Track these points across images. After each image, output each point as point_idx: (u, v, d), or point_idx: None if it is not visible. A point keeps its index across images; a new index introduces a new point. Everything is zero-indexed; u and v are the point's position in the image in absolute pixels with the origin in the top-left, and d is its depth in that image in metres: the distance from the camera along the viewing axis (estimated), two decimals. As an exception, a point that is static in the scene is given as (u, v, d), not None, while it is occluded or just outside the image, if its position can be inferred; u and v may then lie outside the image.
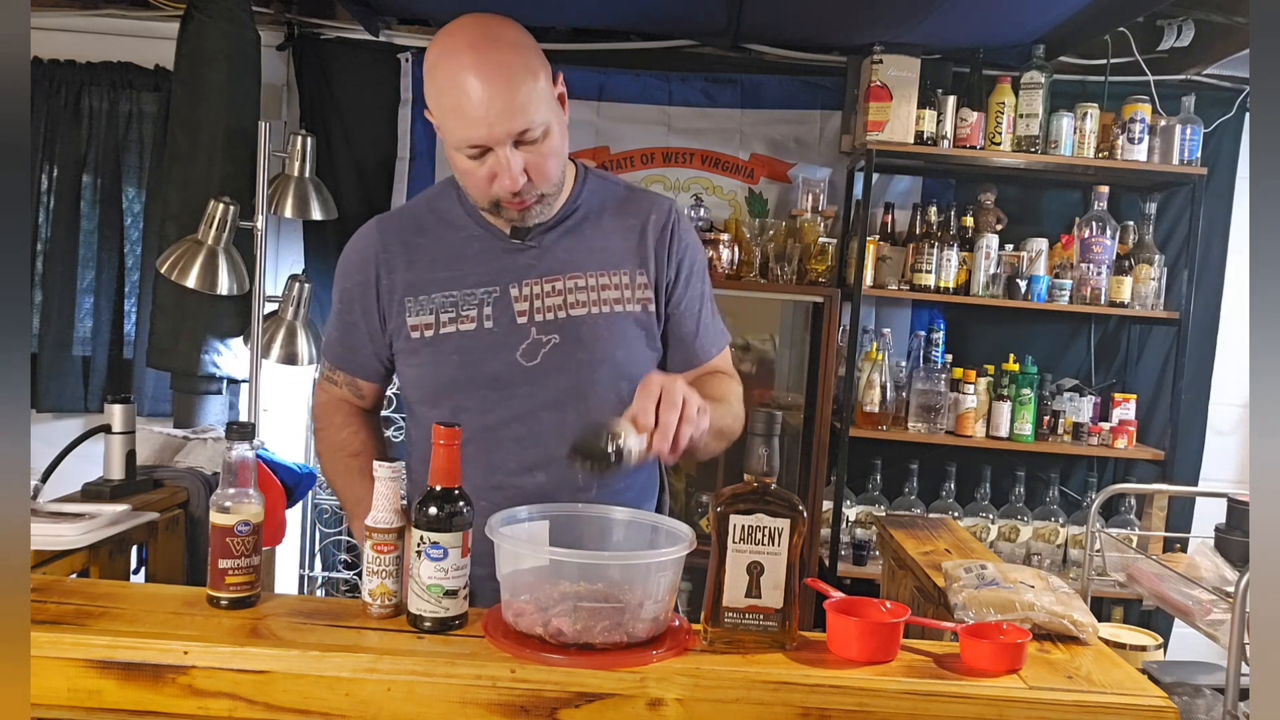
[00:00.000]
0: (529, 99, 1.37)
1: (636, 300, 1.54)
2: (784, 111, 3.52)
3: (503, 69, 1.36)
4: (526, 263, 1.52)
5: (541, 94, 1.39)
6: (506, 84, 1.35)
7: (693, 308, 1.59)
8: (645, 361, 1.54)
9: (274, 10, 3.40)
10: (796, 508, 1.20)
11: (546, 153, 1.41)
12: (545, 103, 1.40)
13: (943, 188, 3.53)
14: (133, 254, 3.45)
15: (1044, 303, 3.24)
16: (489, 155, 1.39)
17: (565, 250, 1.53)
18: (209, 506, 1.27)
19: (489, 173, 1.40)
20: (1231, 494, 2.08)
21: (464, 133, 1.37)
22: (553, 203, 1.49)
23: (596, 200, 1.57)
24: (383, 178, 3.51)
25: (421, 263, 1.53)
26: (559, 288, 1.51)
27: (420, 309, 1.52)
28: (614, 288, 1.53)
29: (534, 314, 1.50)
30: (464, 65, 1.35)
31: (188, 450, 2.39)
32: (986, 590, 1.37)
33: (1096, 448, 3.29)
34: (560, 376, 1.49)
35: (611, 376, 1.50)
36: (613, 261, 1.54)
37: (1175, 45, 3.20)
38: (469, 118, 1.36)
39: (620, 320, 1.52)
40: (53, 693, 1.13)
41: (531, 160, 1.40)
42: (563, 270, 1.51)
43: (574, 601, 1.16)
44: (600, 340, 1.50)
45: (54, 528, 1.68)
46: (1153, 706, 1.14)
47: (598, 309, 1.51)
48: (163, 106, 3.36)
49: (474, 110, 1.35)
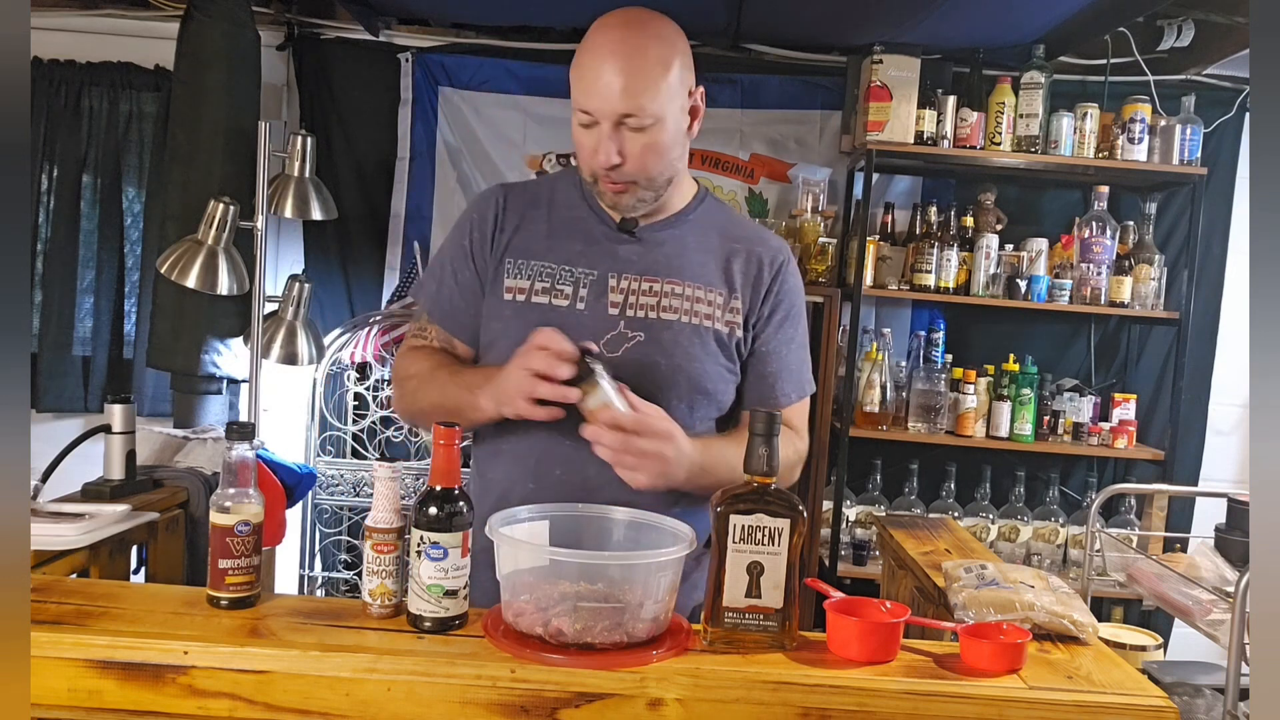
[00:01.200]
0: (647, 87, 1.42)
1: (725, 321, 1.56)
2: (784, 111, 3.53)
3: (636, 51, 1.43)
4: (628, 256, 1.55)
5: (665, 89, 1.44)
6: (633, 65, 1.42)
7: (779, 350, 1.60)
8: (720, 380, 1.56)
9: (274, 10, 3.40)
10: (796, 508, 1.20)
11: (649, 144, 1.46)
12: (666, 99, 1.45)
13: (943, 188, 3.53)
14: (133, 254, 3.45)
15: (1044, 303, 3.24)
16: (595, 128, 1.45)
17: (668, 255, 1.55)
18: (209, 506, 1.26)
19: (593, 145, 1.46)
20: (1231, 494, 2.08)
21: (580, 97, 1.45)
22: (649, 200, 1.52)
23: (709, 219, 1.61)
24: (383, 178, 3.51)
25: (530, 230, 1.56)
26: (655, 289, 1.53)
27: (519, 272, 1.54)
28: (706, 303, 1.55)
29: (626, 308, 1.52)
30: (607, 38, 1.45)
31: (188, 450, 2.39)
32: (986, 590, 1.37)
33: (1096, 448, 3.29)
34: (635, 374, 1.49)
35: (685, 386, 1.52)
36: (711, 277, 1.56)
37: (1175, 45, 3.20)
38: (588, 84, 1.44)
39: (705, 335, 1.54)
40: (53, 693, 1.13)
41: (632, 147, 1.45)
42: (662, 273, 1.54)
43: (574, 601, 1.16)
44: (682, 349, 1.52)
45: (54, 528, 1.68)
46: (1153, 706, 1.14)
47: (687, 319, 1.53)
48: (163, 106, 3.36)
49: (594, 79, 1.43)
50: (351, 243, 3.53)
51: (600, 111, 1.43)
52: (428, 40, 3.52)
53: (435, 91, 3.50)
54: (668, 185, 1.54)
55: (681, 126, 1.51)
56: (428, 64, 3.49)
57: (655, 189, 1.52)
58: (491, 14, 3.43)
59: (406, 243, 3.51)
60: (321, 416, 3.23)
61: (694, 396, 1.52)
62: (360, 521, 3.32)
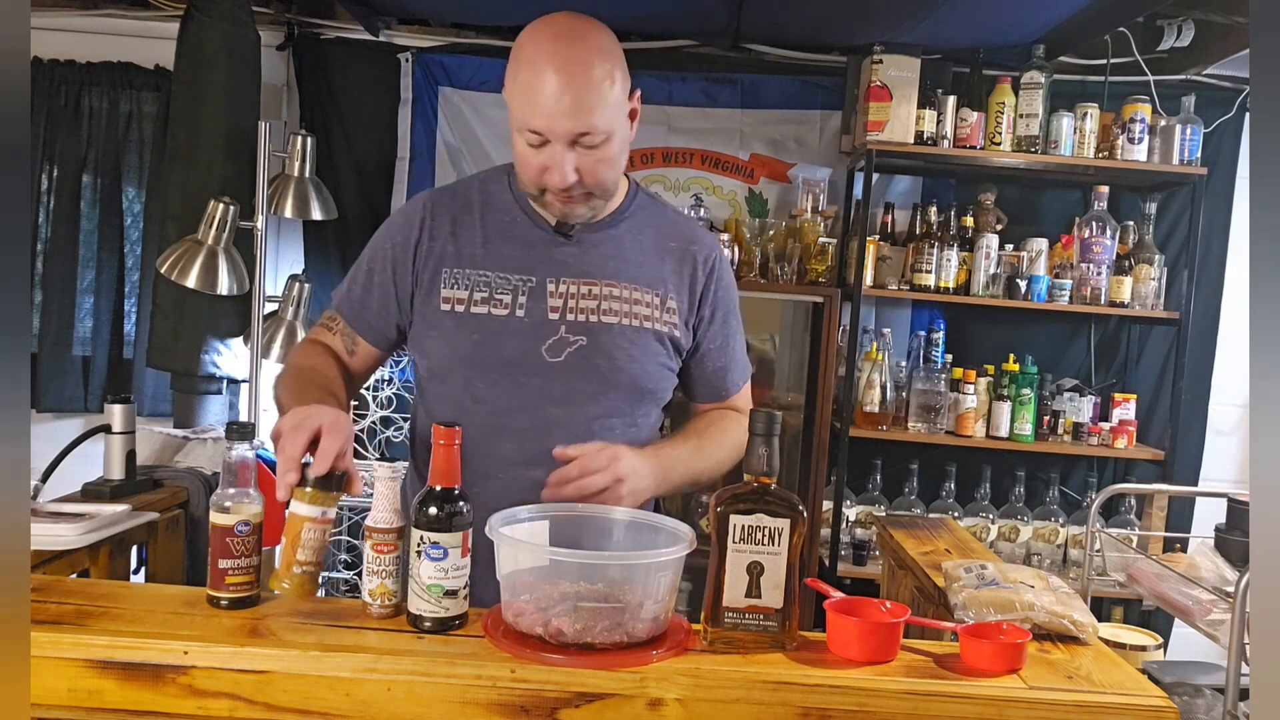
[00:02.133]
0: (597, 103, 1.40)
1: (664, 322, 1.57)
2: (784, 111, 3.53)
3: (580, 67, 1.40)
4: (565, 259, 1.54)
5: (611, 102, 1.42)
6: (579, 82, 1.39)
7: (727, 345, 1.64)
8: (660, 378, 1.58)
9: (274, 10, 3.40)
10: (796, 508, 1.20)
11: (602, 159, 1.44)
12: (613, 111, 1.43)
13: (943, 188, 3.54)
14: (133, 254, 3.45)
15: (1044, 303, 3.24)
16: (547, 147, 1.42)
17: (605, 256, 1.55)
18: (209, 506, 1.26)
19: (543, 163, 1.44)
20: (1231, 494, 2.08)
21: (528, 117, 1.41)
22: (600, 208, 1.52)
23: (643, 217, 1.61)
24: (383, 178, 3.51)
25: (464, 237, 1.55)
26: (594, 292, 1.53)
27: (455, 282, 1.53)
28: (645, 304, 1.55)
29: (566, 312, 1.52)
30: (546, 53, 1.41)
31: (188, 450, 2.39)
32: (986, 590, 1.37)
33: (1096, 448, 3.29)
34: (578, 378, 1.50)
35: (626, 387, 1.54)
36: (648, 279, 1.57)
37: (1175, 45, 3.20)
38: (536, 105, 1.40)
39: (646, 336, 1.55)
40: (53, 693, 1.13)
41: (585, 163, 1.44)
42: (600, 274, 1.54)
43: (574, 601, 1.16)
44: (623, 351, 1.53)
45: (54, 528, 1.68)
46: (1153, 706, 1.14)
47: (628, 321, 1.54)
48: (163, 106, 3.36)
49: (543, 99, 1.39)
50: (351, 243, 3.52)
51: (552, 131, 1.40)
52: (428, 40, 3.52)
53: (435, 91, 3.50)
54: (612, 194, 1.54)
55: (627, 133, 1.50)
56: (428, 64, 3.49)
57: (606, 197, 1.52)
58: (491, 14, 3.43)
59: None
60: (321, 416, 3.23)
61: (635, 396, 1.55)
62: (360, 521, 3.33)
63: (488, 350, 1.50)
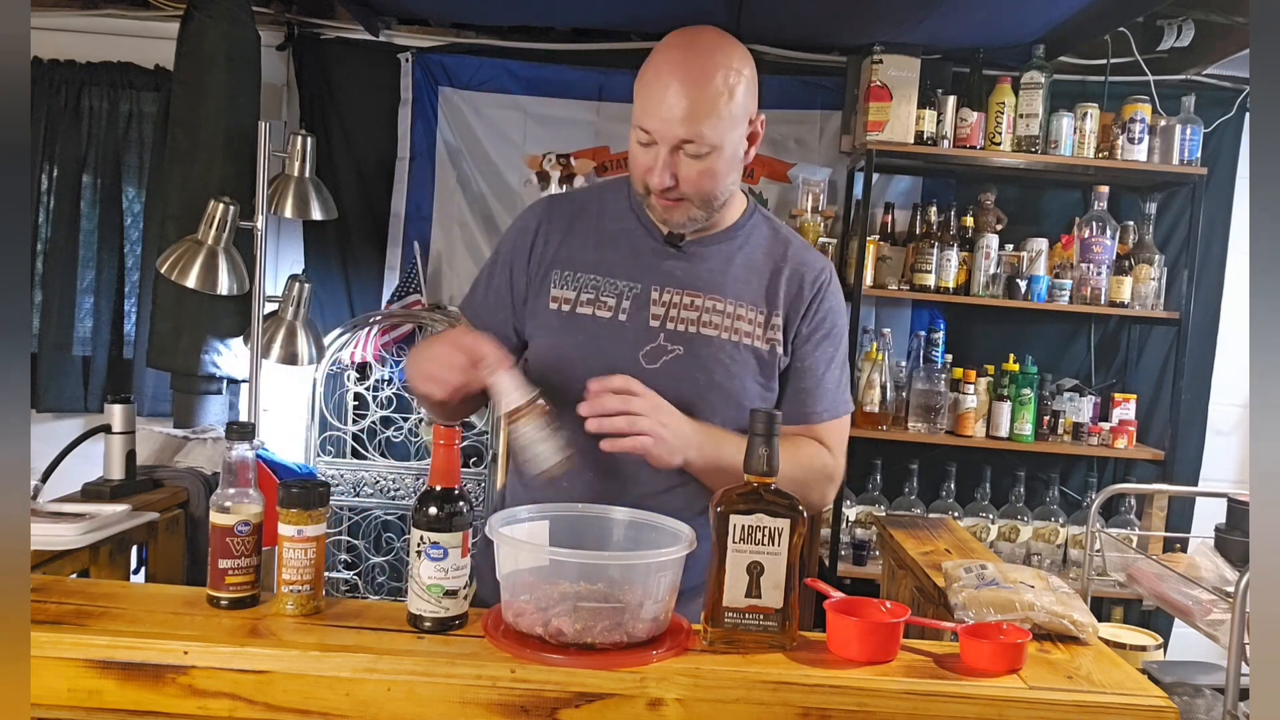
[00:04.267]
0: (708, 114, 1.43)
1: (765, 339, 1.56)
2: (784, 111, 3.53)
3: (700, 77, 1.44)
4: (672, 270, 1.55)
5: (726, 116, 1.45)
6: (694, 92, 1.42)
7: (816, 368, 1.60)
8: (756, 398, 1.56)
9: (274, 10, 3.40)
10: (796, 508, 1.20)
11: (705, 170, 1.46)
12: (725, 125, 1.46)
13: (943, 188, 3.53)
14: (133, 254, 3.45)
15: (1044, 303, 3.24)
16: (653, 148, 1.46)
17: (712, 270, 1.56)
18: (209, 506, 1.27)
19: (647, 163, 1.47)
20: (1231, 494, 2.08)
21: (640, 116, 1.46)
22: (700, 219, 1.53)
23: (757, 235, 1.62)
24: (383, 178, 3.52)
25: (576, 241, 1.58)
26: (697, 304, 1.54)
27: (565, 283, 1.56)
28: (747, 320, 1.56)
29: (667, 321, 1.53)
30: (672, 60, 1.45)
31: (188, 450, 2.40)
32: (986, 590, 1.37)
33: (1096, 448, 3.29)
34: (673, 386, 1.49)
35: (721, 401, 1.53)
36: (753, 296, 1.57)
37: (1175, 45, 3.20)
38: (650, 105, 1.44)
39: (744, 352, 1.55)
40: (53, 693, 1.13)
41: (688, 171, 1.46)
42: (704, 288, 1.55)
43: (574, 601, 1.16)
44: (720, 365, 1.53)
45: (54, 528, 1.68)
46: (1153, 706, 1.14)
47: (727, 335, 1.54)
48: (163, 106, 3.36)
49: (657, 101, 1.43)
50: (351, 243, 3.53)
51: (659, 134, 1.44)
52: (428, 40, 3.52)
53: (435, 91, 3.50)
54: (720, 206, 1.55)
55: (739, 152, 1.52)
56: (428, 64, 3.49)
57: (708, 209, 1.53)
58: (491, 14, 3.43)
59: (406, 243, 3.51)
60: (321, 416, 3.23)
61: (729, 412, 1.52)
62: (360, 521, 3.33)
63: (590, 351, 1.52)
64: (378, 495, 3.26)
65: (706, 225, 1.56)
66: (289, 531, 1.23)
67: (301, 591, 1.23)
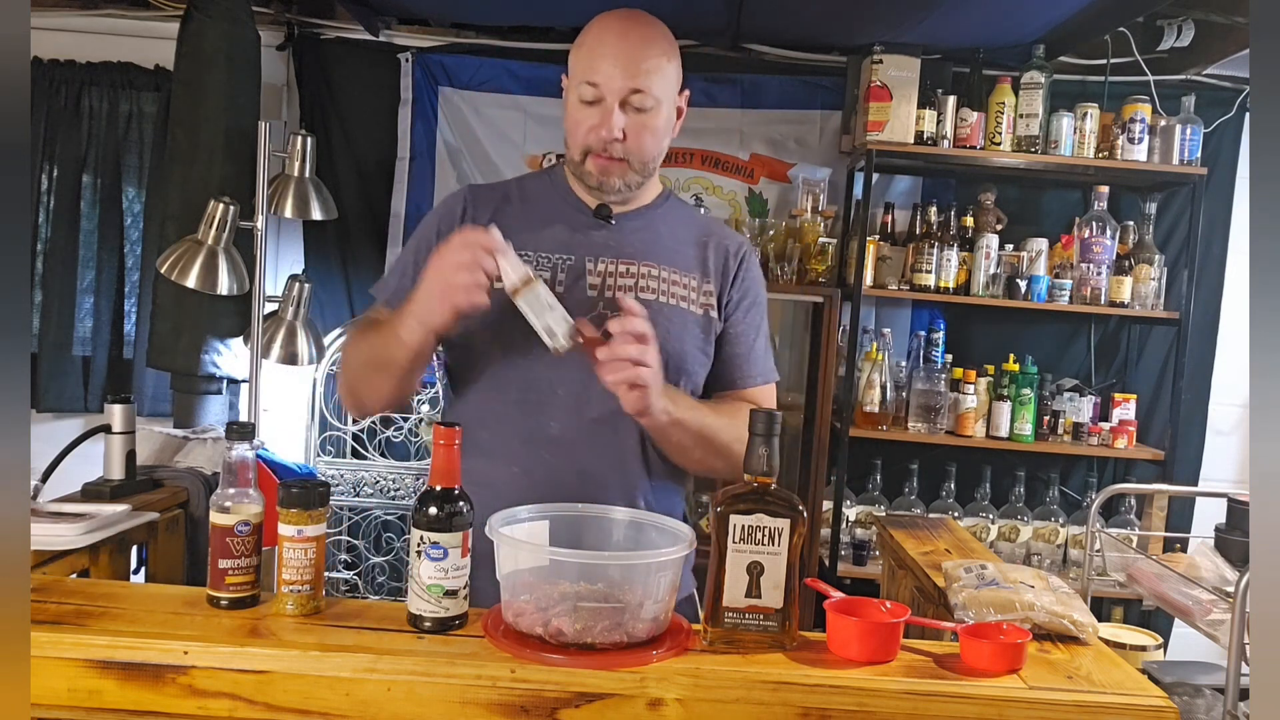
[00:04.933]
0: (654, 69, 1.50)
1: (700, 304, 1.60)
2: (784, 111, 3.53)
3: (643, 36, 1.52)
4: (604, 241, 1.58)
5: (666, 77, 1.53)
6: (641, 47, 1.51)
7: (746, 335, 1.65)
8: (696, 361, 1.60)
9: (274, 10, 3.40)
10: (796, 508, 1.20)
11: (648, 126, 1.52)
12: (665, 86, 1.53)
13: (943, 188, 3.54)
14: (133, 254, 3.45)
15: (1044, 303, 3.24)
16: (599, 105, 1.50)
17: (643, 240, 1.60)
18: (209, 506, 1.26)
19: (592, 122, 1.51)
20: (1231, 494, 2.08)
21: (587, 71, 1.51)
22: (633, 185, 1.57)
23: (676, 213, 1.68)
24: (383, 178, 3.51)
25: (504, 223, 1.56)
26: (632, 271, 1.57)
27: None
28: (682, 286, 1.59)
29: (604, 290, 1.55)
30: (611, 24, 1.53)
31: (188, 450, 2.39)
32: (986, 590, 1.37)
33: (1096, 448, 3.29)
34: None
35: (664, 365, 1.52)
36: (683, 264, 1.61)
37: (1175, 45, 3.20)
38: (598, 59, 1.50)
39: (684, 316, 1.58)
40: (53, 693, 1.13)
41: (633, 126, 1.51)
42: (638, 256, 1.58)
43: (574, 601, 1.16)
44: (661, 328, 1.52)
45: (54, 528, 1.68)
46: (1153, 706, 1.14)
47: (665, 299, 1.57)
48: (163, 106, 3.36)
49: (603, 52, 1.50)
50: (351, 243, 3.53)
51: (609, 83, 1.48)
52: (428, 40, 3.52)
53: (435, 91, 3.50)
54: (649, 175, 1.59)
55: (672, 119, 1.57)
56: (428, 64, 3.49)
57: (642, 173, 1.56)
58: (491, 14, 3.43)
59: (406, 243, 3.50)
60: (321, 416, 3.23)
61: (673, 375, 1.53)
62: (360, 521, 3.33)
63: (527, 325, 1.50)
64: (378, 495, 3.26)
65: (630, 197, 1.60)
66: (289, 531, 1.23)
67: (301, 591, 1.23)
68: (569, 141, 1.57)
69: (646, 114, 1.51)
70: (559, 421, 1.51)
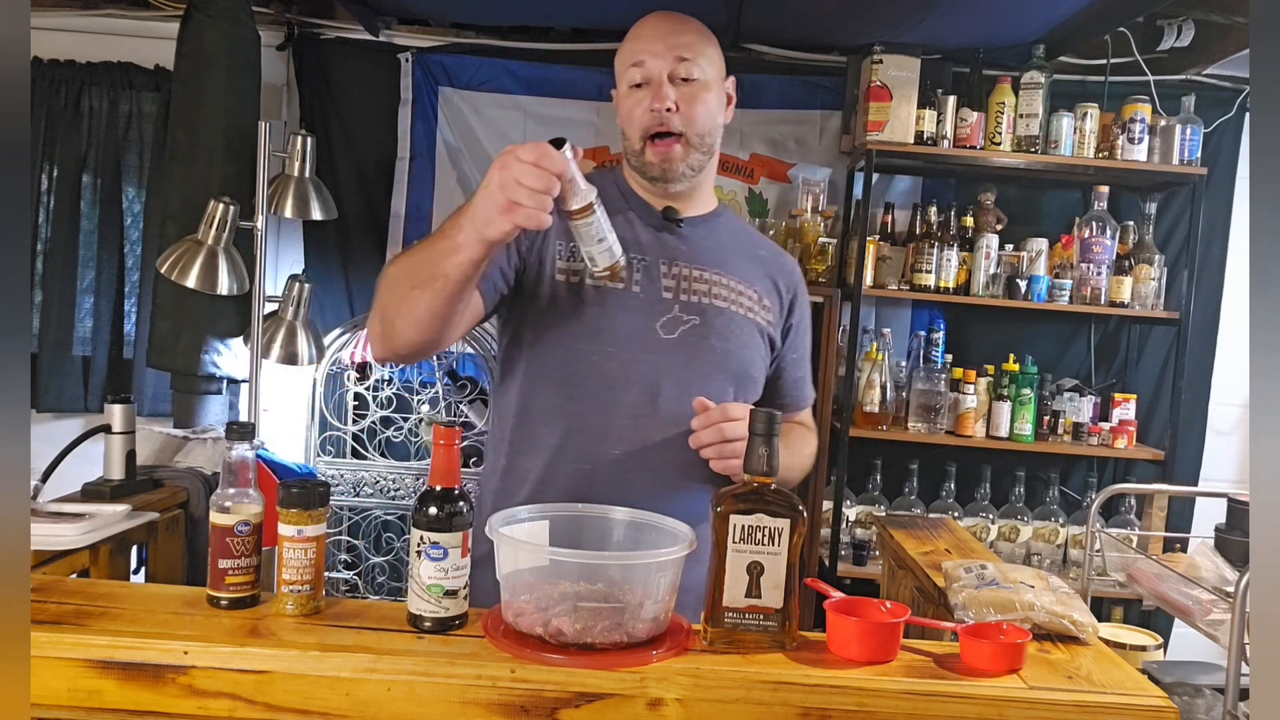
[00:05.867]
0: (694, 43, 1.54)
1: (762, 317, 1.62)
2: (784, 111, 3.52)
3: (679, 18, 1.56)
4: (675, 245, 1.59)
5: (711, 55, 1.56)
6: (679, 23, 1.55)
7: (803, 360, 1.72)
8: (760, 369, 1.63)
9: (274, 10, 3.40)
10: (796, 508, 1.20)
11: (699, 96, 1.53)
12: (709, 65, 1.55)
13: (943, 188, 3.54)
14: (133, 254, 3.45)
15: (1044, 303, 3.24)
16: (648, 86, 1.53)
17: (709, 248, 1.61)
18: (209, 506, 1.26)
19: (645, 104, 1.52)
20: (1231, 494, 2.08)
21: (630, 55, 1.54)
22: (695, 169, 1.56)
23: (733, 225, 1.70)
24: (383, 178, 3.52)
25: None
26: (705, 277, 1.58)
27: (571, 254, 1.53)
28: (747, 297, 1.61)
29: (679, 293, 1.56)
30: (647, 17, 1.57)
31: (188, 450, 2.40)
32: (986, 590, 1.37)
33: (1096, 448, 3.29)
34: (691, 357, 1.53)
35: (733, 372, 1.57)
36: (747, 274, 1.63)
37: (1175, 45, 3.20)
38: (637, 40, 1.54)
39: (751, 326, 1.60)
40: (53, 693, 1.13)
41: (684, 96, 1.52)
42: (709, 263, 1.59)
43: (574, 601, 1.16)
44: (734, 335, 1.57)
45: (54, 528, 1.69)
46: (1153, 706, 1.14)
47: (735, 308, 1.59)
48: (163, 106, 3.36)
49: (643, 33, 1.54)
50: (351, 243, 3.53)
51: (653, 57, 1.51)
52: (428, 40, 3.52)
53: (435, 91, 3.50)
54: (706, 159, 1.59)
55: (722, 102, 1.59)
56: (428, 64, 3.49)
57: (700, 148, 1.56)
58: (491, 14, 3.43)
59: (407, 243, 3.51)
60: (321, 416, 3.23)
61: (740, 382, 1.58)
62: (360, 521, 3.33)
63: (605, 322, 1.52)
64: (378, 495, 3.25)
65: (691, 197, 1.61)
66: (289, 531, 1.23)
67: (301, 591, 1.23)
68: (627, 133, 1.57)
69: (695, 84, 1.52)
70: (630, 420, 1.51)
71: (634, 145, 1.56)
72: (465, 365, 3.36)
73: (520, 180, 1.23)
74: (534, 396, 1.54)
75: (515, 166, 1.24)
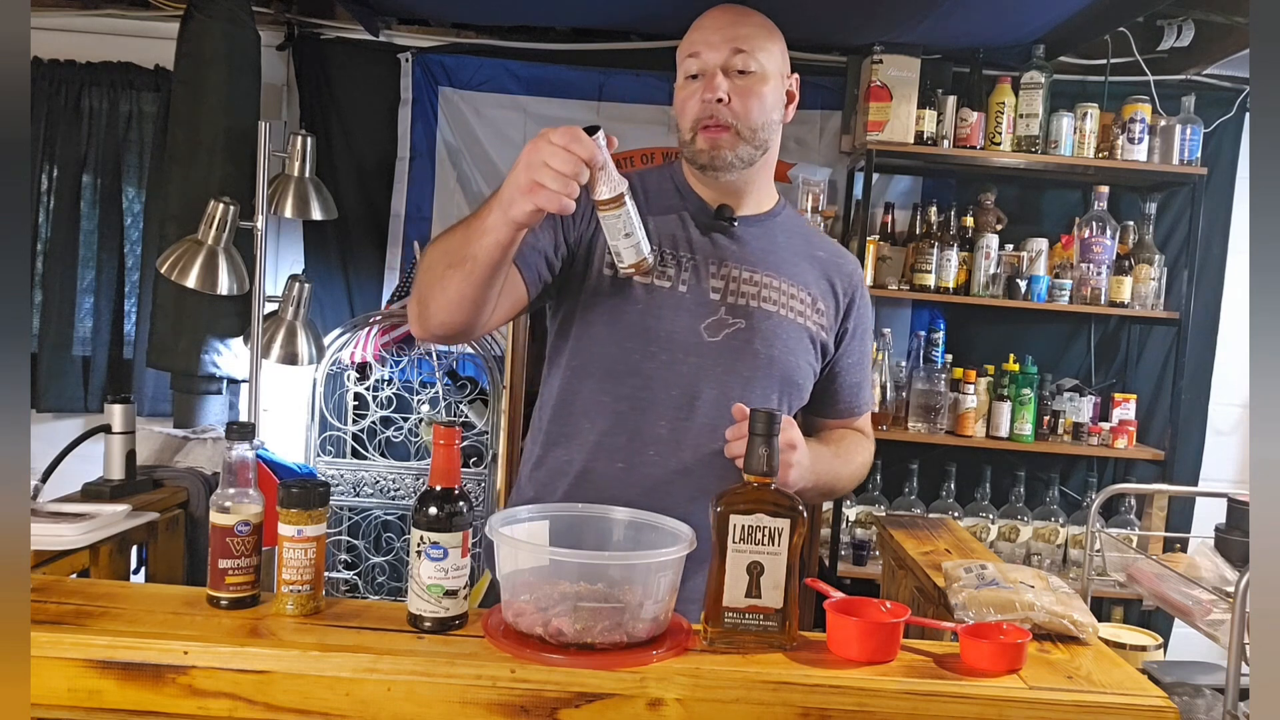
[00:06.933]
0: (753, 35, 1.50)
1: (814, 321, 1.59)
2: (784, 111, 3.52)
3: (740, 11, 1.53)
4: (726, 245, 1.56)
5: (771, 48, 1.52)
6: (738, 15, 1.52)
7: (862, 364, 1.67)
8: (807, 376, 1.59)
9: (274, 10, 3.40)
10: (796, 508, 1.20)
11: (754, 90, 1.50)
12: (769, 58, 1.51)
13: (943, 188, 3.53)
14: (133, 254, 3.45)
15: (1044, 303, 3.24)
16: (702, 78, 1.50)
17: (763, 249, 1.58)
18: (209, 506, 1.26)
19: (698, 96, 1.50)
20: (1231, 494, 2.08)
21: (687, 48, 1.52)
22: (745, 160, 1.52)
23: (792, 224, 1.65)
24: (383, 178, 3.52)
25: None
26: (755, 279, 1.55)
27: None
28: (799, 301, 1.58)
29: (727, 295, 1.53)
30: (714, 9, 1.54)
31: (188, 450, 2.40)
32: (986, 590, 1.37)
33: (1096, 448, 3.29)
34: (733, 360, 1.51)
35: (778, 377, 1.54)
36: (801, 277, 1.59)
37: (1175, 45, 3.20)
38: (695, 32, 1.52)
39: (799, 331, 1.57)
40: (53, 693, 1.13)
41: (737, 89, 1.49)
42: (760, 265, 1.56)
43: (574, 601, 1.16)
44: (780, 340, 1.54)
45: (54, 528, 1.68)
46: (1153, 706, 1.14)
47: (785, 312, 1.55)
48: (163, 106, 3.36)
49: (702, 25, 1.52)
50: (351, 243, 3.53)
51: (707, 50, 1.48)
52: (428, 40, 3.52)
53: (435, 91, 3.50)
54: (759, 154, 1.54)
55: (780, 98, 1.55)
56: (428, 64, 3.49)
57: (751, 142, 1.52)
58: (491, 14, 3.43)
59: (406, 243, 3.51)
60: (321, 416, 3.23)
61: (785, 388, 1.55)
62: (360, 521, 3.33)
63: (650, 320, 1.50)
64: (378, 495, 3.26)
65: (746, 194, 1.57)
66: (289, 531, 1.23)
67: (301, 591, 1.23)
68: (681, 126, 1.55)
69: (750, 78, 1.49)
70: (668, 422, 1.49)
71: (685, 135, 1.54)
72: (465, 365, 3.36)
73: (548, 162, 1.24)
74: (573, 390, 1.53)
75: (544, 148, 1.25)
